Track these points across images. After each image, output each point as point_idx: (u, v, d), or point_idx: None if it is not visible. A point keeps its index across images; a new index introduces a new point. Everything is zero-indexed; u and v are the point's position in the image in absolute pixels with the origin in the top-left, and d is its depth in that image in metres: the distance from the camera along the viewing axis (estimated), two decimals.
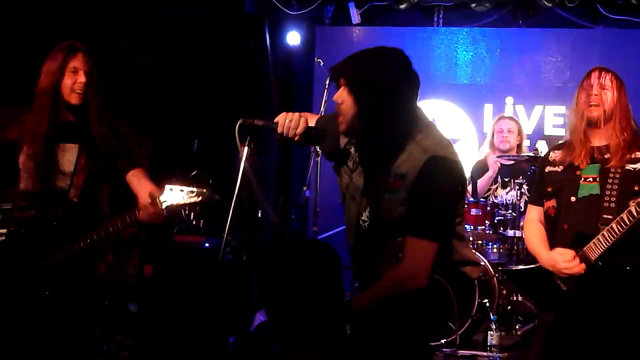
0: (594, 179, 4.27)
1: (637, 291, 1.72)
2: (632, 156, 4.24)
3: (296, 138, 3.62)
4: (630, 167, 4.22)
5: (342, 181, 3.81)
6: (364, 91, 3.50)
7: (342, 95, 3.55)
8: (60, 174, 4.42)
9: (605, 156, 4.28)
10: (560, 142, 4.59)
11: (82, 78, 4.37)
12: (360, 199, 3.70)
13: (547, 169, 4.50)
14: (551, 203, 4.42)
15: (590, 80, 4.34)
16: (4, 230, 4.85)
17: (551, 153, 4.55)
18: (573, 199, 4.30)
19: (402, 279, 3.50)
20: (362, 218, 3.70)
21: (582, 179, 4.30)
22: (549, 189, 4.44)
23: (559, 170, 4.42)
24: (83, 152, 4.43)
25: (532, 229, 4.55)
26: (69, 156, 4.44)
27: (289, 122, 3.61)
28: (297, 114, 3.66)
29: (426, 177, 3.48)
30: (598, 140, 4.34)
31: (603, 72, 4.34)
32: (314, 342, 2.74)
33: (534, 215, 4.59)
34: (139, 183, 4.47)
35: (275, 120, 3.63)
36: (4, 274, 4.36)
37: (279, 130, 3.61)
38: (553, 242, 4.38)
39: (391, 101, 3.49)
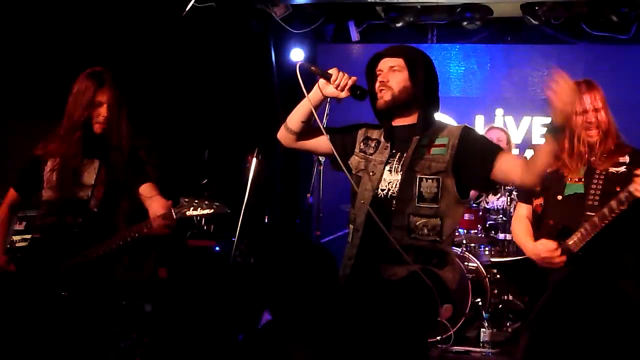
0: (579, 179, 4.35)
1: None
2: (617, 160, 4.32)
3: (346, 88, 3.80)
4: (613, 170, 4.30)
5: (358, 166, 3.96)
6: (419, 68, 3.84)
7: (387, 75, 3.88)
8: (81, 186, 4.47)
9: (592, 158, 4.36)
10: None
11: (104, 112, 4.44)
12: (382, 170, 3.85)
13: None
14: (539, 201, 4.50)
15: (585, 105, 4.36)
16: (28, 236, 4.92)
17: None
18: (559, 197, 4.38)
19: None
20: (381, 187, 3.81)
21: (569, 178, 4.38)
22: (537, 188, 4.49)
23: (547, 171, 4.46)
24: (103, 167, 4.49)
25: (519, 224, 4.62)
26: (90, 170, 4.49)
27: (342, 75, 3.81)
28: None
29: (471, 135, 3.86)
30: (585, 147, 4.38)
31: (591, 94, 4.37)
32: (311, 339, 2.79)
33: (522, 212, 4.66)
34: (149, 197, 4.52)
35: (329, 71, 3.83)
36: (27, 277, 4.39)
37: (332, 79, 3.81)
38: (538, 236, 4.43)
39: (431, 86, 3.88)
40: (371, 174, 3.87)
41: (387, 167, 3.84)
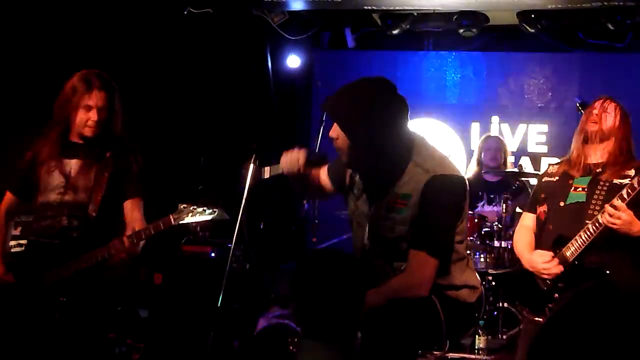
0: (583, 189, 4.37)
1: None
2: (623, 173, 4.32)
3: (301, 170, 3.66)
4: (617, 181, 4.30)
5: (349, 208, 3.80)
6: (351, 126, 3.46)
7: (337, 131, 3.53)
8: (78, 189, 4.41)
9: (598, 170, 4.38)
10: (562, 159, 4.70)
11: (94, 116, 4.35)
12: (365, 224, 3.67)
13: (545, 179, 4.65)
14: (543, 208, 4.54)
15: (595, 104, 4.47)
16: (24, 242, 4.88)
17: (550, 167, 4.71)
18: (562, 204, 4.42)
19: (405, 287, 3.52)
20: (365, 242, 3.68)
21: (573, 188, 4.41)
22: (542, 196, 4.56)
23: (554, 180, 4.54)
24: (101, 171, 4.41)
25: (521, 233, 4.67)
26: (89, 173, 4.43)
27: (288, 163, 3.67)
28: (294, 150, 3.69)
29: (428, 196, 3.48)
30: (594, 157, 4.43)
31: (608, 100, 4.47)
32: (335, 342, 2.81)
33: (525, 222, 4.71)
34: (131, 214, 4.48)
35: (280, 166, 3.71)
36: (22, 283, 4.36)
37: (285, 171, 3.69)
38: (539, 242, 4.49)
39: (379, 130, 3.46)
40: (357, 224, 3.77)
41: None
